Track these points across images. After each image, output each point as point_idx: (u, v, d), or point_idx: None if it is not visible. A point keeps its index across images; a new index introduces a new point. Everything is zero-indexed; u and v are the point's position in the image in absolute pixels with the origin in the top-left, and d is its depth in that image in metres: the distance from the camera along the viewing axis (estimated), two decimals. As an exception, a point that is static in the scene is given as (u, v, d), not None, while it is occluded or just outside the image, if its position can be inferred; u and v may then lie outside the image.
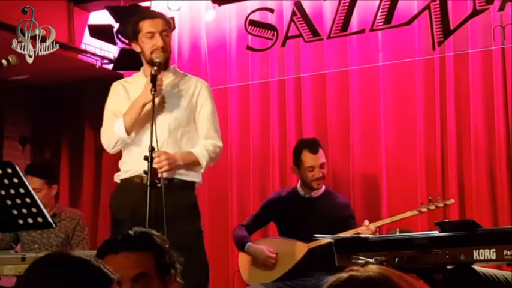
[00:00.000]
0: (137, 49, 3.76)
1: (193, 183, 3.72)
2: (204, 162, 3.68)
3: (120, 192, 3.74)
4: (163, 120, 3.64)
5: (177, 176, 3.63)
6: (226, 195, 5.58)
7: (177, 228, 3.45)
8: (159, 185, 3.46)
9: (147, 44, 3.68)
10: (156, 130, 3.49)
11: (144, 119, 3.62)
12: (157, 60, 3.62)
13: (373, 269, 1.40)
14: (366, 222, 4.26)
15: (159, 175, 3.50)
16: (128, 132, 3.66)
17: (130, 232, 2.29)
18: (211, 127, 3.76)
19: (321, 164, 4.49)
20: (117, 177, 3.78)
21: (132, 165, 3.65)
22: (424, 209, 4.28)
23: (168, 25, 3.75)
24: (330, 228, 4.23)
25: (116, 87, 3.88)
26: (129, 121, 3.64)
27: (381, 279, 1.36)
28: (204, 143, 3.72)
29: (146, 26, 3.70)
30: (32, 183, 4.52)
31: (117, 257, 2.16)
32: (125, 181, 3.71)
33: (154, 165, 3.47)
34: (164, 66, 3.70)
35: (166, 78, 3.74)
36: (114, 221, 3.77)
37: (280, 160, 5.42)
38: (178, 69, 3.89)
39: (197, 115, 3.76)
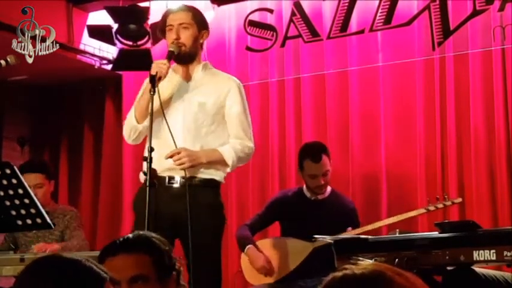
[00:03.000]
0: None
1: (214, 181, 3.62)
2: (229, 161, 3.59)
3: (141, 192, 3.58)
4: (186, 117, 3.58)
5: (197, 175, 3.55)
6: (225, 196, 5.55)
7: (195, 228, 3.41)
8: (176, 184, 3.45)
9: (168, 38, 3.65)
10: (177, 126, 3.49)
11: (164, 112, 3.52)
12: (170, 49, 3.57)
13: (366, 265, 1.40)
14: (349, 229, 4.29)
15: (161, 174, 3.47)
16: (138, 121, 3.60)
17: (129, 235, 2.29)
18: (239, 127, 3.67)
19: (323, 173, 4.43)
20: (142, 177, 3.61)
21: (155, 164, 3.47)
22: (432, 208, 4.25)
23: (194, 19, 3.66)
24: (335, 232, 4.22)
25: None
26: (139, 108, 3.58)
27: (375, 274, 1.36)
28: (232, 142, 3.64)
29: (168, 19, 3.67)
30: (34, 180, 4.55)
31: (114, 259, 2.17)
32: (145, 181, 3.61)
33: (175, 162, 3.43)
34: (182, 58, 3.63)
35: (195, 75, 3.69)
36: (136, 221, 3.64)
37: (280, 160, 5.41)
38: (210, 66, 3.79)
39: (227, 114, 3.66)
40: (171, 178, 3.52)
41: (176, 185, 3.51)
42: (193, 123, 3.59)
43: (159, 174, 3.49)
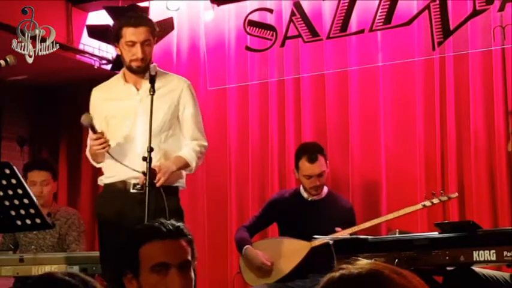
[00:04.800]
0: (118, 52, 3.75)
1: (177, 188, 3.69)
2: (193, 163, 3.69)
3: (105, 197, 3.70)
4: (145, 125, 3.57)
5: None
6: (225, 196, 5.57)
7: None
8: (142, 191, 3.46)
9: (127, 52, 3.65)
10: (136, 135, 3.57)
11: (123, 128, 3.64)
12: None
13: (363, 264, 1.39)
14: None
15: (124, 179, 3.55)
16: (98, 163, 3.73)
17: (166, 222, 2.36)
18: (195, 128, 3.75)
19: (319, 173, 4.44)
20: (101, 181, 3.76)
21: (116, 170, 3.61)
22: (428, 203, 4.25)
23: (153, 33, 3.69)
24: (332, 232, 4.22)
25: (95, 99, 3.91)
26: (91, 157, 3.74)
27: (372, 274, 1.36)
28: (190, 144, 3.72)
29: (128, 34, 3.64)
30: (41, 176, 4.66)
31: (165, 242, 2.29)
32: (108, 186, 3.67)
33: (157, 181, 3.47)
34: (143, 72, 3.68)
35: (146, 82, 3.67)
36: (100, 226, 3.70)
37: (280, 161, 5.40)
38: (158, 68, 3.72)
39: (181, 116, 3.73)
40: (136, 184, 3.54)
41: (142, 191, 3.48)
42: (153, 132, 3.57)
43: (126, 180, 3.56)
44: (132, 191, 3.54)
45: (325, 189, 4.56)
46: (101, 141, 3.52)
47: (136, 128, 3.63)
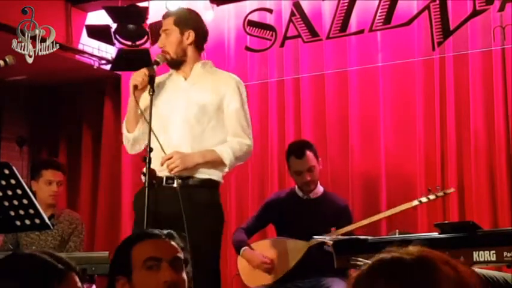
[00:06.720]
0: None
1: (211, 181, 3.61)
2: (227, 161, 3.59)
3: (140, 191, 3.61)
4: (183, 115, 3.59)
5: (194, 175, 3.56)
6: (224, 197, 5.54)
7: (191, 228, 3.41)
8: (174, 185, 3.45)
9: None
10: (174, 125, 3.54)
11: (161, 116, 3.57)
12: (156, 59, 3.68)
13: (415, 251, 1.41)
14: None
15: (158, 174, 3.49)
16: (128, 130, 3.65)
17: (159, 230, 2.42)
18: (237, 124, 3.67)
19: (308, 168, 4.42)
20: (142, 178, 3.66)
21: (152, 165, 3.55)
22: (424, 199, 4.21)
23: (175, 21, 3.69)
24: (328, 231, 4.22)
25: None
26: (126, 118, 3.66)
27: (423, 262, 1.36)
28: (230, 141, 3.64)
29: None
30: (57, 177, 4.76)
31: (158, 241, 2.35)
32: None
33: (168, 168, 3.46)
34: (171, 66, 3.72)
35: (193, 72, 3.71)
36: (135, 220, 3.68)
37: (279, 161, 5.40)
38: (211, 65, 3.81)
39: (225, 111, 3.67)
40: (168, 178, 3.52)
41: (174, 185, 3.50)
42: (191, 122, 3.61)
43: (158, 174, 3.50)
44: (164, 184, 3.51)
45: (321, 188, 4.55)
46: (142, 78, 3.52)
47: (174, 120, 3.60)
